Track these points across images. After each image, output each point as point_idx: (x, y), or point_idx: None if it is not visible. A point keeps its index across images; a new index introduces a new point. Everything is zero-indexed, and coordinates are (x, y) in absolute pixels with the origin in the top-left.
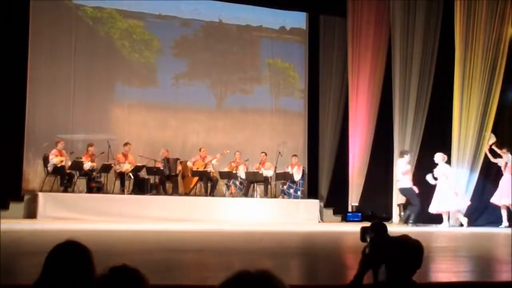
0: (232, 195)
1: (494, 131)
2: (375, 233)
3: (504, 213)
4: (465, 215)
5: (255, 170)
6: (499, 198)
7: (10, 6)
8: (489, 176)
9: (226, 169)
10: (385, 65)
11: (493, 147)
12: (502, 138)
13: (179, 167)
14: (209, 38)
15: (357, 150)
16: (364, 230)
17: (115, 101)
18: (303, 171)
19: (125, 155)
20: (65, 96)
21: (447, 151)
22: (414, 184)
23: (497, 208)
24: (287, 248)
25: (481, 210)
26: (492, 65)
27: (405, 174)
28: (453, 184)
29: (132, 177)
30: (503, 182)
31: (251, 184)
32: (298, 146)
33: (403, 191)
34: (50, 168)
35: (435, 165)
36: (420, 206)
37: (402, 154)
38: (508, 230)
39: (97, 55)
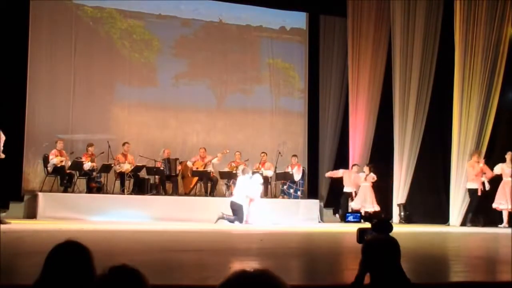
0: (232, 195)
1: (494, 131)
2: (378, 233)
3: (505, 214)
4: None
5: (255, 170)
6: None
7: (10, 6)
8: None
9: (226, 169)
10: (385, 65)
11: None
12: (502, 138)
13: (179, 167)
14: (209, 38)
15: (357, 150)
16: (361, 231)
17: (115, 101)
18: (303, 171)
19: (125, 155)
20: (65, 96)
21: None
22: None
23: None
24: (287, 248)
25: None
26: (492, 65)
27: (242, 191)
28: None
29: (132, 177)
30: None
31: None
32: (298, 146)
33: (234, 205)
34: (50, 168)
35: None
36: (240, 219)
37: (245, 171)
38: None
39: (97, 55)
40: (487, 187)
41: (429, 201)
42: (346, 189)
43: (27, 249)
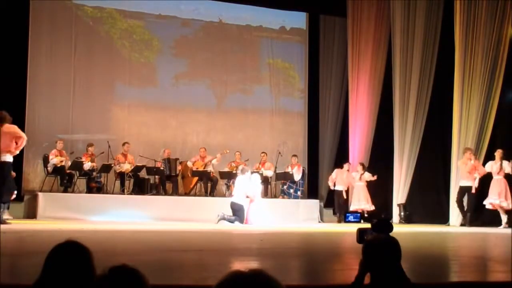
0: (232, 195)
1: (494, 131)
2: (378, 233)
3: (502, 213)
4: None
5: (255, 170)
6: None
7: (10, 6)
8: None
9: (226, 169)
10: (385, 65)
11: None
12: (502, 139)
13: (179, 167)
14: (209, 38)
15: (357, 150)
16: (361, 231)
17: (115, 101)
18: (303, 171)
19: (125, 155)
20: (65, 96)
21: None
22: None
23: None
24: (287, 248)
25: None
26: (492, 65)
27: (242, 191)
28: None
29: (132, 177)
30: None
31: None
32: (298, 146)
33: (234, 205)
34: (50, 168)
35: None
36: (241, 219)
37: (244, 171)
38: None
39: (97, 55)
40: (476, 185)
41: (429, 201)
42: (337, 187)
43: (27, 249)
